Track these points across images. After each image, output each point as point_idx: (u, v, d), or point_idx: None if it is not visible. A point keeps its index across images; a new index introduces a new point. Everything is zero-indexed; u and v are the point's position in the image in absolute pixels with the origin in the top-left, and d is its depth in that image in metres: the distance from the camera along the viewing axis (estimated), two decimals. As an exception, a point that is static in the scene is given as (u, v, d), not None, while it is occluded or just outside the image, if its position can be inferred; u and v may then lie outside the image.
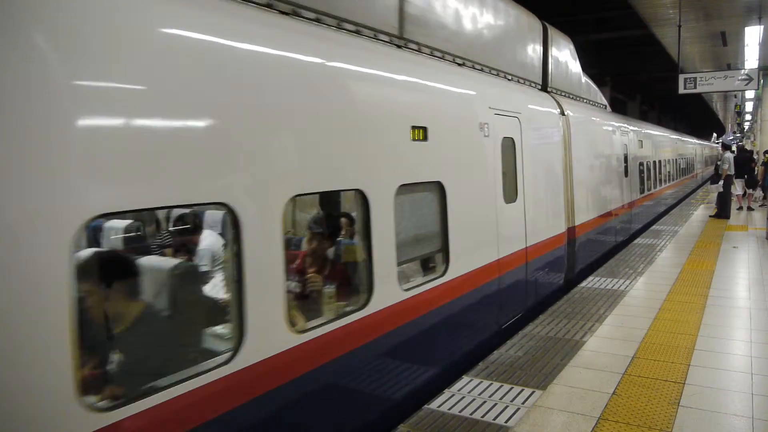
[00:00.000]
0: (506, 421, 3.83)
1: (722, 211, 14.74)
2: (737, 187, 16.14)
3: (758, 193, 17.28)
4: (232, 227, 2.80)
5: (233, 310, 2.84)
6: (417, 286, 4.32)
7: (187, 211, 4.64)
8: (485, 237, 5.47)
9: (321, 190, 3.74)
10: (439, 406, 4.06)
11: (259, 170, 2.97)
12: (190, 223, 4.80)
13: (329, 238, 4.41)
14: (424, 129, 4.38)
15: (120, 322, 2.97)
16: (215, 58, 2.80)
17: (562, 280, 7.86)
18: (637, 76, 31.22)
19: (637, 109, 37.68)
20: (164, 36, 2.61)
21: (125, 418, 2.28)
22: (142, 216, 4.80)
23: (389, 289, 3.93)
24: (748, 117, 42.24)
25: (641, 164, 13.26)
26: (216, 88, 2.76)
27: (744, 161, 16.66)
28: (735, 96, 32.48)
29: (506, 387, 4.38)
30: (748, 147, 27.09)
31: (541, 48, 7.97)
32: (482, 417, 3.90)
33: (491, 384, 4.44)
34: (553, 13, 18.98)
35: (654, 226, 13.64)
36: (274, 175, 3.07)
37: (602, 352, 5.11)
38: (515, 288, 6.08)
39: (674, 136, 22.45)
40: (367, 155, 3.79)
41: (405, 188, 4.12)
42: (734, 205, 16.12)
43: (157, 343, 3.00)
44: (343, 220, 4.62)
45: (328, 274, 4.08)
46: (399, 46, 4.62)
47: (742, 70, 15.38)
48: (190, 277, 3.54)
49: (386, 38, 4.44)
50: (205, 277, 3.99)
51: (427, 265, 4.84)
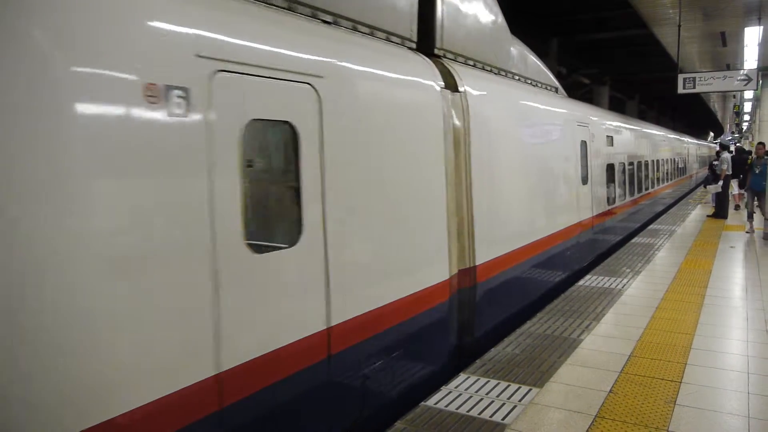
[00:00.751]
0: (503, 419, 3.84)
1: (720, 210, 14.79)
2: (734, 187, 16.15)
3: None
4: None
5: None
6: None
7: None
8: None
9: None
10: (436, 403, 4.07)
11: None
12: None
13: None
14: None
15: None
16: None
17: (446, 357, 4.98)
18: (636, 76, 31.26)
19: (636, 108, 37.75)
20: None
21: None
22: None
23: None
24: (746, 117, 42.31)
25: (611, 167, 10.77)
26: None
27: (741, 162, 16.67)
28: (734, 96, 32.52)
29: (503, 384, 4.40)
30: (746, 147, 27.12)
31: None
32: (479, 414, 3.91)
33: (488, 381, 4.45)
34: (552, 13, 18.99)
35: (651, 226, 13.60)
36: None
37: (599, 350, 5.12)
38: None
39: (662, 132, 19.84)
40: None
41: None
42: (732, 205, 16.15)
43: None
44: None
45: None
46: None
47: (741, 71, 15.38)
48: None
49: None
50: None
51: None
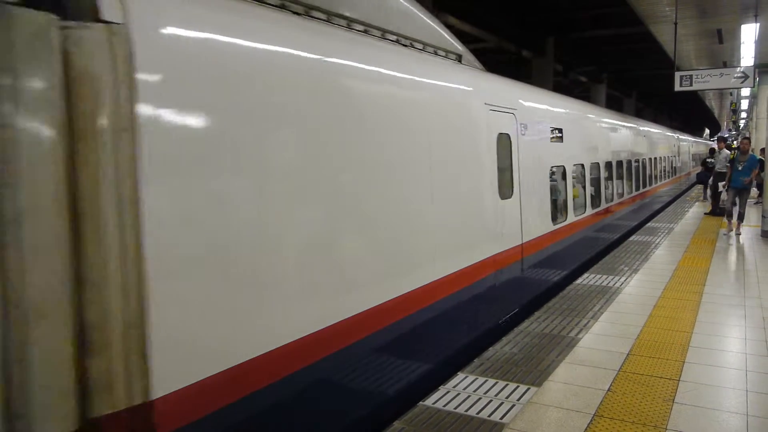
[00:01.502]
0: (501, 418, 3.83)
1: (717, 208, 14.78)
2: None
3: (754, 190, 17.30)
4: None
5: None
6: None
7: None
8: None
9: None
10: (434, 403, 4.06)
11: None
12: None
13: None
14: None
15: None
16: None
17: None
18: (633, 74, 31.28)
19: (633, 106, 37.80)
20: None
21: None
22: None
23: None
24: (743, 115, 42.40)
25: (563, 172, 8.10)
26: None
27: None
28: (731, 94, 32.55)
29: (501, 384, 4.38)
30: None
31: None
32: (477, 414, 3.90)
33: (486, 381, 4.44)
34: (549, 10, 18.99)
35: (650, 223, 13.57)
36: None
37: (597, 349, 5.12)
38: None
39: (646, 128, 16.63)
40: None
41: None
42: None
43: None
44: None
45: None
46: None
47: (738, 68, 15.35)
48: None
49: None
50: None
51: None
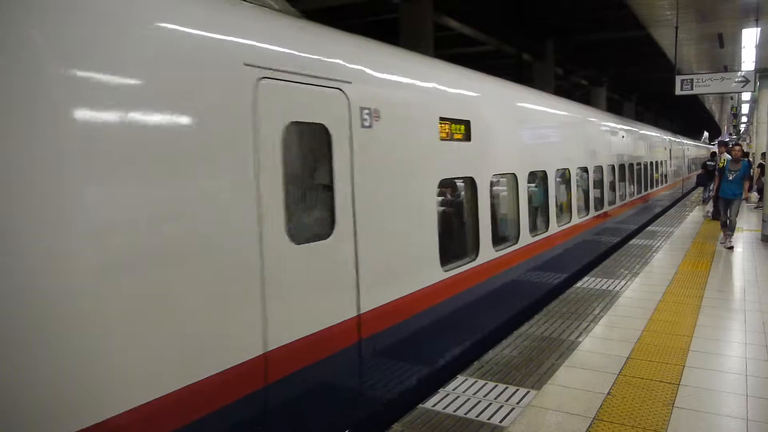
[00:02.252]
0: (501, 421, 3.83)
1: (718, 212, 14.75)
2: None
3: (754, 194, 17.30)
4: None
5: None
6: None
7: None
8: None
9: None
10: (433, 406, 4.05)
11: None
12: None
13: None
14: None
15: None
16: None
17: None
18: (633, 77, 31.29)
19: (633, 109, 37.81)
20: None
21: None
22: None
23: None
24: (744, 119, 42.41)
25: (467, 190, 5.49)
26: None
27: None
28: (731, 98, 32.56)
29: (501, 387, 4.38)
30: (745, 149, 27.17)
31: None
32: (477, 417, 3.89)
33: (486, 383, 4.43)
34: (550, 13, 19.01)
35: (650, 227, 13.55)
36: None
37: (597, 353, 5.11)
38: None
39: (623, 126, 13.05)
40: None
41: None
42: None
43: None
44: None
45: None
46: None
47: (739, 72, 15.37)
48: None
49: None
50: None
51: None
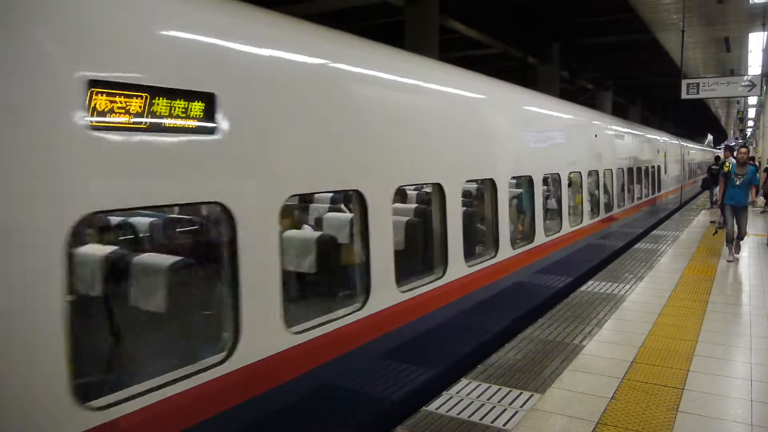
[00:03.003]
0: (505, 424, 3.83)
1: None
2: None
3: (761, 199, 17.23)
4: None
5: None
6: None
7: None
8: None
9: None
10: (437, 408, 4.06)
11: None
12: None
13: None
14: None
15: None
16: None
17: None
18: (639, 81, 31.25)
19: (639, 113, 37.72)
20: None
21: None
22: None
23: None
24: (750, 123, 42.25)
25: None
26: None
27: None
28: (738, 102, 32.47)
29: (505, 390, 4.38)
30: (751, 153, 27.05)
31: None
32: (480, 420, 3.90)
33: (490, 387, 4.44)
34: (554, 17, 19.02)
35: (655, 231, 13.50)
36: None
37: (601, 357, 5.10)
38: None
39: (595, 121, 10.17)
40: None
41: None
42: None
43: None
44: None
45: None
46: None
47: (745, 76, 15.35)
48: None
49: None
50: None
51: None
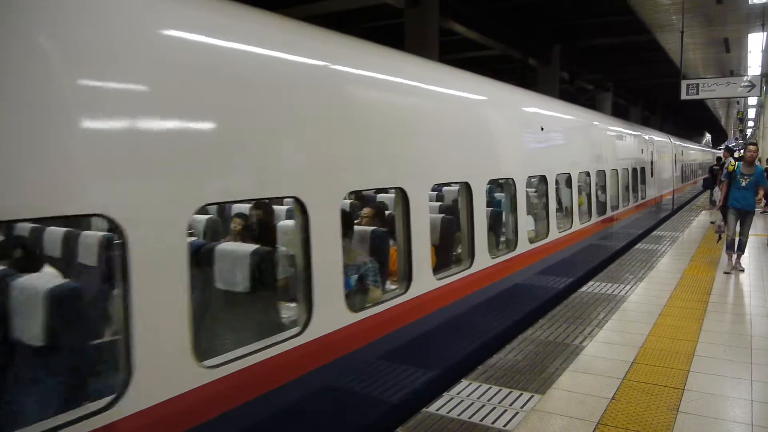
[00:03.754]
0: (505, 425, 3.83)
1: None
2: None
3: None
4: None
5: None
6: None
7: None
8: None
9: None
10: (437, 410, 4.06)
11: None
12: None
13: None
14: None
15: None
16: None
17: None
18: (639, 82, 31.28)
19: (639, 114, 37.75)
20: None
21: None
22: None
23: None
24: (750, 123, 42.27)
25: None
26: None
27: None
28: (738, 102, 32.50)
29: (505, 391, 4.38)
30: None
31: None
32: (481, 420, 3.90)
33: (490, 388, 4.44)
34: (554, 18, 19.03)
35: (655, 232, 13.49)
36: None
37: (602, 357, 5.11)
38: None
39: (547, 111, 7.77)
40: None
41: None
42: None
43: None
44: None
45: None
46: None
47: (745, 77, 15.35)
48: None
49: None
50: None
51: None
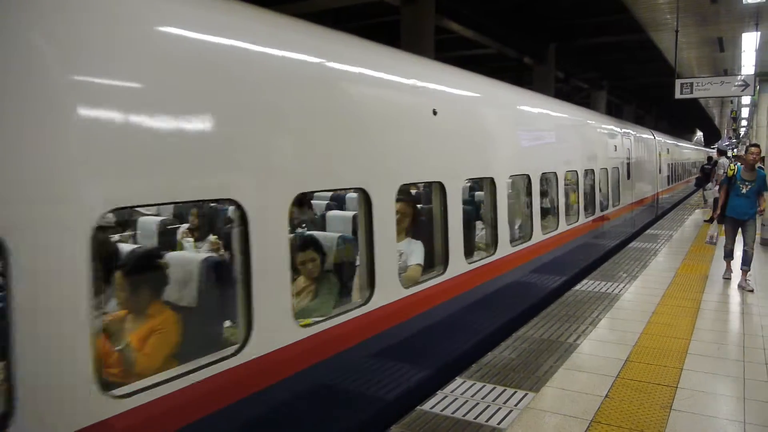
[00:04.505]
0: (499, 423, 3.83)
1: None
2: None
3: None
4: None
5: None
6: None
7: None
8: None
9: None
10: (431, 408, 4.06)
11: None
12: None
13: None
14: None
15: None
16: None
17: None
18: (633, 81, 31.35)
19: (633, 113, 37.87)
20: None
21: None
22: None
23: None
24: (744, 123, 42.46)
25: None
26: None
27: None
28: (731, 101, 32.62)
29: (499, 389, 4.39)
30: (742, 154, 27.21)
31: None
32: (475, 418, 3.90)
33: (484, 386, 4.44)
34: (549, 17, 19.05)
35: (649, 230, 13.55)
36: None
37: (595, 355, 5.12)
38: None
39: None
40: None
41: None
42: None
43: None
44: None
45: None
46: None
47: (739, 76, 15.38)
48: None
49: None
50: None
51: None
